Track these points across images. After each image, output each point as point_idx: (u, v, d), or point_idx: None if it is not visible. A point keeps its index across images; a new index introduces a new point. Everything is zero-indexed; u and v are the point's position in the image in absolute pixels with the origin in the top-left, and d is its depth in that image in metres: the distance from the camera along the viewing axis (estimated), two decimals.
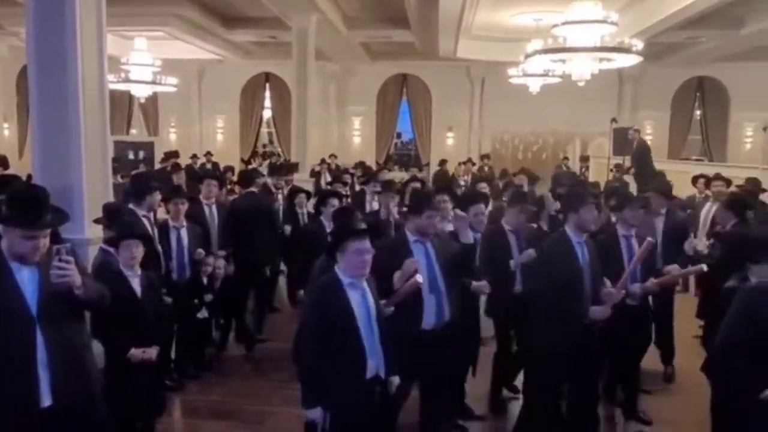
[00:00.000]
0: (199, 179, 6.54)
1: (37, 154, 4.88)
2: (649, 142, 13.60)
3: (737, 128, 17.53)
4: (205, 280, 5.34)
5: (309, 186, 10.04)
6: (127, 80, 14.03)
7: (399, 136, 19.92)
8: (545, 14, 11.57)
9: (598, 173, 13.68)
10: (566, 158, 15.98)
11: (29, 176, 5.22)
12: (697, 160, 16.20)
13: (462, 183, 11.42)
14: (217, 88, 19.03)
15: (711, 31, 12.89)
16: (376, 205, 7.09)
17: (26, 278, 2.59)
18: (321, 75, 16.65)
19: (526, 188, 7.92)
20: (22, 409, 2.56)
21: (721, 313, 3.51)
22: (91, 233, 4.78)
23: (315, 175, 12.73)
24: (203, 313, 5.26)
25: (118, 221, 4.24)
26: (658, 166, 12.10)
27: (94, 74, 4.91)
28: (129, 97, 17.56)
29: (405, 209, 4.69)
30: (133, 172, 8.42)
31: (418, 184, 7.59)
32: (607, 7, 8.88)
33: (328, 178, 12.15)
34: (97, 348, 4.01)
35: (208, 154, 16.26)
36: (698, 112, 17.98)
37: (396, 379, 3.28)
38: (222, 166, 13.93)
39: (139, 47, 13.83)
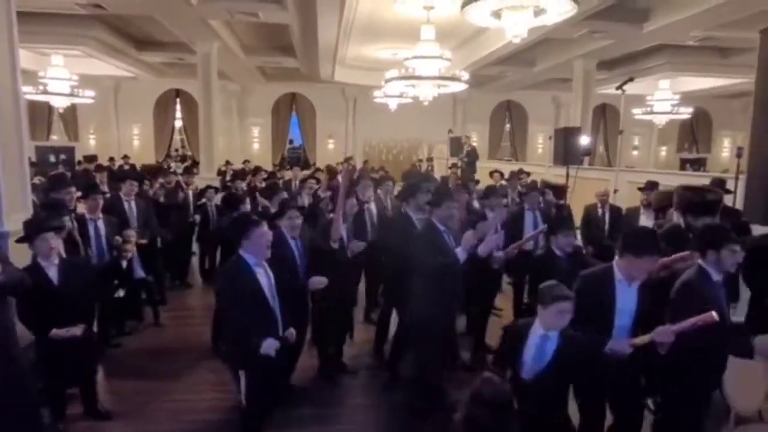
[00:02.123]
0: (122, 179, 5.96)
1: None
2: (474, 146, 14.48)
3: (533, 137, 19.10)
4: (124, 264, 4.88)
5: (216, 182, 9.52)
6: (45, 92, 12.32)
7: (291, 142, 19.42)
8: (400, 50, 11.79)
9: (440, 170, 14.29)
10: (420, 159, 16.48)
11: None
12: (507, 159, 17.50)
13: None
14: (133, 101, 17.30)
15: (514, 67, 13.78)
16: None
17: None
18: (224, 92, 15.73)
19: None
20: None
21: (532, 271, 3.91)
22: (10, 226, 4.17)
23: (221, 173, 12.09)
24: (119, 293, 4.82)
25: (26, 221, 3.69)
26: (482, 163, 12.93)
27: (7, 86, 4.24)
28: (48, 107, 15.43)
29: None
30: (52, 173, 7.42)
31: (313, 181, 7.41)
32: (443, 47, 9.20)
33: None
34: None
35: (126, 157, 14.82)
36: (507, 126, 19.13)
37: (292, 331, 3.21)
38: (139, 167, 12.79)
39: (55, 63, 12.21)
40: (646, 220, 5.53)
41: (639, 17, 9.26)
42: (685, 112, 14.98)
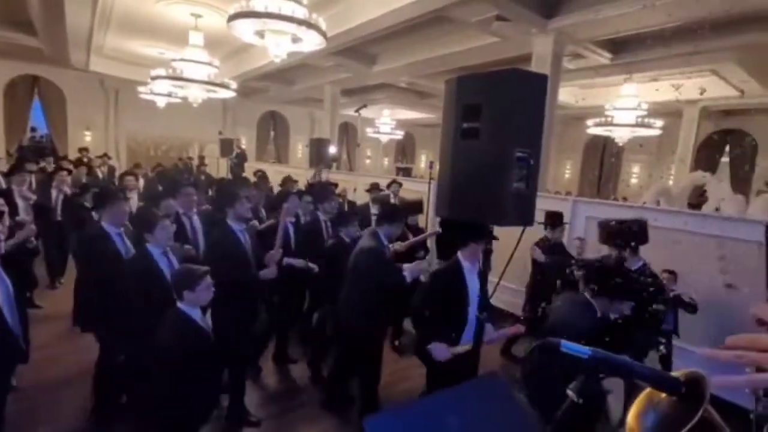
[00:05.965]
0: None
1: None
2: (244, 149, 13.85)
3: (294, 144, 19.15)
4: None
5: None
6: None
7: (33, 129, 14.64)
8: (167, 50, 10.27)
9: (214, 169, 13.04)
10: (190, 157, 14.51)
11: None
12: (273, 162, 17.29)
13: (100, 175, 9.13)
14: None
15: (276, 84, 13.61)
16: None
17: None
18: None
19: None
20: None
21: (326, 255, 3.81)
22: None
23: None
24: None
25: None
26: (250, 164, 12.40)
27: None
28: None
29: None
30: None
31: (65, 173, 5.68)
32: (212, 54, 8.42)
33: None
34: None
35: None
36: (272, 132, 18.54)
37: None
38: None
39: None
40: (375, 211, 6.23)
41: (369, 60, 10.37)
42: (399, 134, 17.51)
